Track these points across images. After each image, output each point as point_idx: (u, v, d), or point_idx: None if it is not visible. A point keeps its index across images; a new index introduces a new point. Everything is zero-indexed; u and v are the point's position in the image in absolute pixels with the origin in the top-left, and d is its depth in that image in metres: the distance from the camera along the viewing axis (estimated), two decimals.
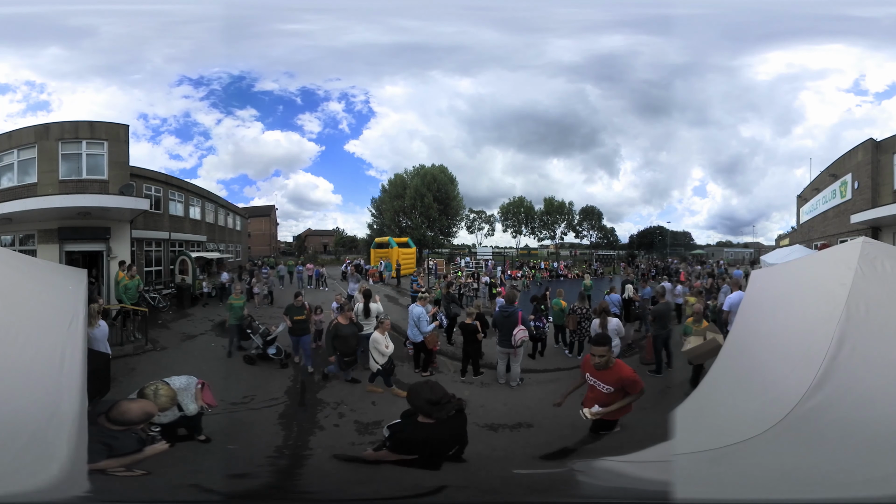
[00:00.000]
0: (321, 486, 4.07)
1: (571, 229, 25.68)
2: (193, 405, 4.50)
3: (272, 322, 9.11)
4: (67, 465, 2.57)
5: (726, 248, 25.09)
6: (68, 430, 2.73)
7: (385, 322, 7.23)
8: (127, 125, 12.19)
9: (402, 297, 15.13)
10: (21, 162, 11.54)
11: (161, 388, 3.94)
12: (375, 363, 6.90)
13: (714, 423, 3.52)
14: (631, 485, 3.10)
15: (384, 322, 7.22)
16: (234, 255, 19.74)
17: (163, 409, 3.99)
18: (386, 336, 7.11)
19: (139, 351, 8.93)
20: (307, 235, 26.30)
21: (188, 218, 16.24)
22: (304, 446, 5.24)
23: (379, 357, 6.89)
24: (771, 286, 5.20)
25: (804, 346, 3.32)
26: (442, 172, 23.32)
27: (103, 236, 11.55)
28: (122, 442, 3.12)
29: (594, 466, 3.50)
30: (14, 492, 2.32)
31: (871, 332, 3.11)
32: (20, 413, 2.69)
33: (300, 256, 23.22)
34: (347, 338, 7.19)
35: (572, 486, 3.48)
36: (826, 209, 15.19)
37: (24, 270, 4.21)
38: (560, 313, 9.65)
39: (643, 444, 3.31)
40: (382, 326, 7.13)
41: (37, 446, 2.60)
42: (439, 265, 20.44)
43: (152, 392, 3.89)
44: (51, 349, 3.16)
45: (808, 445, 2.74)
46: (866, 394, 2.83)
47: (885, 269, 3.57)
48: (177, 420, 4.38)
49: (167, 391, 3.98)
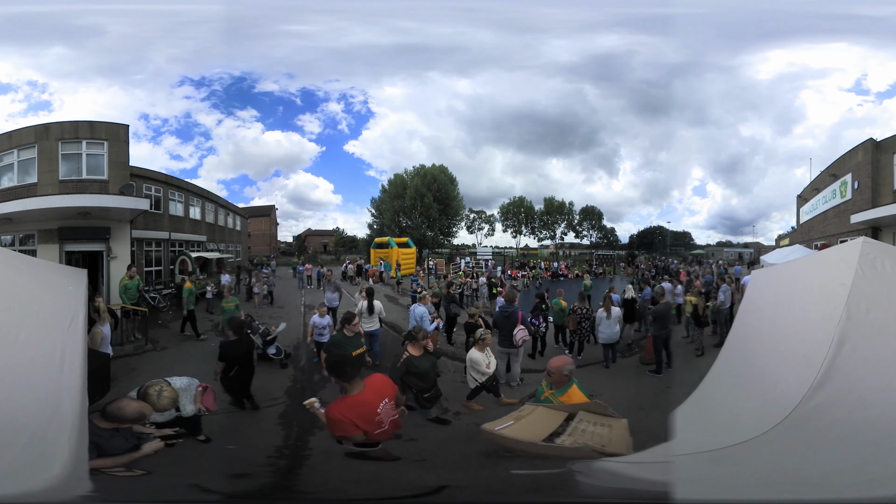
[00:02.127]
0: (321, 486, 4.07)
1: (571, 229, 25.68)
2: (191, 406, 4.49)
3: (272, 322, 9.11)
4: (69, 464, 2.57)
5: (726, 248, 25.08)
6: (69, 429, 2.74)
7: (486, 338, 6.40)
8: (127, 125, 12.19)
9: (402, 297, 15.14)
10: (21, 162, 11.53)
11: (165, 390, 4.00)
12: (475, 381, 6.22)
13: (714, 424, 3.53)
14: (631, 485, 3.09)
15: (485, 339, 6.37)
16: (235, 255, 19.74)
17: (163, 409, 4.01)
18: (487, 353, 6.32)
19: (139, 351, 8.94)
20: (307, 235, 26.30)
21: (188, 218, 16.23)
22: (304, 446, 5.23)
23: (478, 376, 6.20)
24: (771, 286, 5.19)
25: (804, 347, 3.32)
26: (442, 172, 23.32)
27: (103, 236, 11.55)
28: (111, 442, 3.13)
29: (594, 467, 3.49)
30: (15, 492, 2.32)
31: (872, 333, 3.10)
32: (21, 413, 2.69)
33: (300, 256, 23.23)
34: (425, 373, 5.68)
35: (572, 487, 3.48)
36: (826, 209, 15.19)
37: (24, 270, 4.20)
38: (560, 313, 9.65)
39: (643, 444, 3.31)
40: (482, 344, 6.31)
41: (38, 446, 2.60)
42: (439, 265, 20.44)
43: (156, 392, 3.93)
44: (51, 349, 3.16)
45: (809, 445, 2.74)
46: (867, 394, 2.83)
47: (885, 269, 3.56)
48: (172, 420, 4.38)
49: (170, 393, 4.03)
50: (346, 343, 5.86)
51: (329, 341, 5.89)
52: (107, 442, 3.10)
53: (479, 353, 6.26)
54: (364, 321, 8.09)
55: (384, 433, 3.79)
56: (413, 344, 5.75)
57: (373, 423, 3.50)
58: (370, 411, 3.50)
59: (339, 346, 5.75)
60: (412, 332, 5.82)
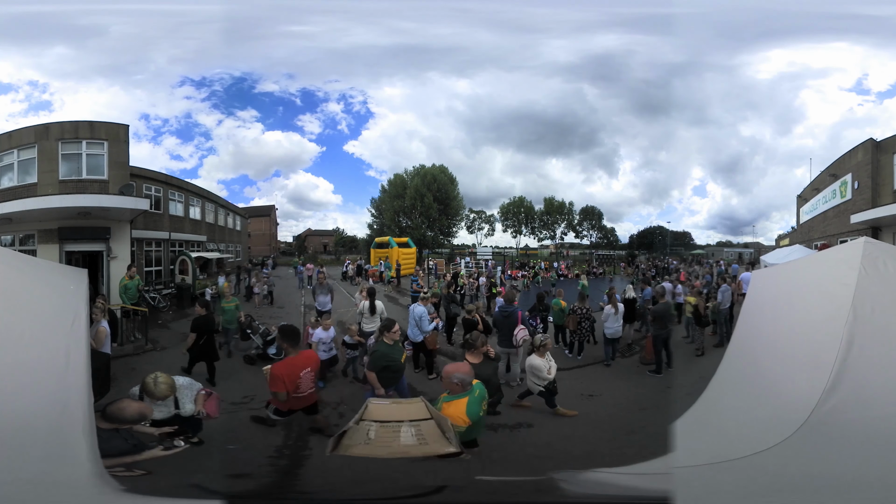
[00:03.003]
0: (321, 486, 4.06)
1: (571, 229, 25.72)
2: (190, 405, 4.49)
3: (272, 322, 9.10)
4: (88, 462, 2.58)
5: (726, 248, 25.07)
6: (79, 428, 2.74)
7: (547, 343, 6.30)
8: (127, 125, 12.20)
9: (402, 297, 15.14)
10: (21, 162, 11.54)
11: (160, 377, 4.04)
12: (536, 385, 6.11)
13: (723, 433, 3.43)
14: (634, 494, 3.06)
15: (546, 343, 6.25)
16: (234, 255, 19.73)
17: (161, 397, 4.06)
18: (547, 358, 6.18)
19: (139, 351, 8.93)
20: (307, 235, 26.32)
21: (188, 218, 16.23)
22: (304, 446, 5.23)
23: (539, 381, 6.09)
24: (772, 287, 5.13)
25: (812, 349, 3.27)
26: (442, 172, 23.34)
27: (103, 236, 11.55)
28: (111, 442, 3.13)
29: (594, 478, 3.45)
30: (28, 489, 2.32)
31: (880, 333, 3.06)
32: (32, 412, 2.70)
33: (301, 256, 23.23)
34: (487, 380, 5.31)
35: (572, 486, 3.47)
36: (826, 209, 15.19)
37: (24, 270, 4.20)
38: (560, 313, 9.65)
39: (643, 443, 3.27)
40: (543, 349, 6.17)
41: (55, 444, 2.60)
42: (439, 265, 20.43)
43: (152, 380, 4.00)
44: (55, 349, 3.16)
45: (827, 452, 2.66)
46: (879, 395, 2.78)
47: (888, 270, 3.54)
48: (171, 418, 4.37)
49: (166, 380, 4.07)
50: (392, 353, 5.48)
51: (376, 354, 5.40)
52: (106, 443, 3.10)
53: (539, 360, 6.09)
54: (365, 321, 8.09)
55: (301, 399, 4.88)
56: (471, 352, 5.39)
57: (294, 384, 4.64)
58: (295, 373, 4.65)
59: (387, 357, 5.39)
60: (469, 339, 5.44)
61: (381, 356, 5.37)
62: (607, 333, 8.74)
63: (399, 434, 3.71)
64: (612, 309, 8.79)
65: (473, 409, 3.83)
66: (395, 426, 3.79)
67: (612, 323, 8.74)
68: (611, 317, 8.76)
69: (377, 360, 5.31)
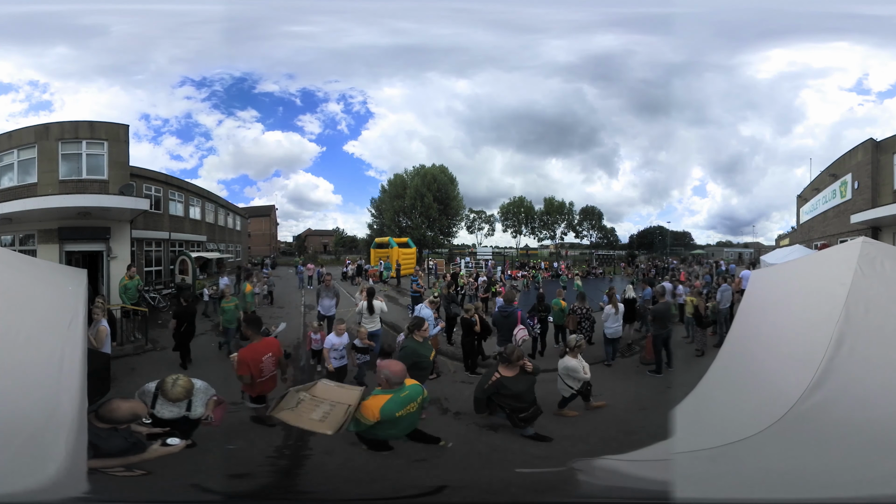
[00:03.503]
0: (321, 486, 4.08)
1: (571, 229, 25.69)
2: (201, 409, 4.47)
3: (272, 322, 9.10)
4: (65, 465, 2.57)
5: (726, 248, 25.07)
6: (67, 430, 2.73)
7: (581, 344, 6.29)
8: (127, 125, 12.19)
9: (401, 297, 15.15)
10: (21, 162, 11.53)
11: (180, 380, 4.05)
12: (569, 388, 6.03)
13: (713, 422, 3.53)
14: (631, 484, 3.10)
15: (580, 344, 6.25)
16: (235, 255, 19.74)
17: (175, 399, 4.05)
18: (580, 359, 6.17)
19: (139, 351, 8.94)
20: (307, 235, 26.31)
21: (188, 218, 16.23)
22: (304, 446, 5.23)
23: (573, 383, 6.04)
24: (771, 286, 5.18)
25: (803, 346, 3.32)
26: (442, 172, 23.33)
27: (103, 236, 11.55)
28: (110, 442, 3.13)
29: (594, 465, 3.49)
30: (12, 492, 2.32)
31: (871, 333, 3.10)
32: (19, 413, 2.69)
33: (301, 256, 23.24)
34: (522, 394, 5.39)
35: (572, 486, 3.48)
36: (826, 209, 15.19)
37: (24, 270, 4.21)
38: (560, 313, 9.66)
39: (643, 443, 3.31)
40: (577, 350, 6.18)
41: (35, 446, 2.60)
42: (439, 265, 20.43)
43: (171, 381, 4.00)
44: (50, 349, 3.16)
45: (806, 445, 2.74)
46: (865, 394, 2.83)
47: (884, 270, 3.56)
48: (178, 419, 4.37)
49: (185, 384, 4.06)
50: (421, 349, 5.52)
51: (406, 350, 5.41)
52: (105, 442, 3.10)
53: (574, 360, 6.08)
54: (365, 321, 8.10)
55: (264, 384, 5.28)
56: (506, 365, 5.32)
57: (257, 368, 5.09)
58: (258, 358, 5.12)
59: (417, 354, 5.38)
60: (505, 353, 5.41)
61: (412, 352, 5.38)
62: (607, 333, 8.76)
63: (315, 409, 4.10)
64: (613, 309, 8.81)
65: (389, 408, 3.94)
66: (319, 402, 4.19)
67: (613, 323, 8.76)
68: (611, 317, 8.78)
69: (407, 357, 5.24)
